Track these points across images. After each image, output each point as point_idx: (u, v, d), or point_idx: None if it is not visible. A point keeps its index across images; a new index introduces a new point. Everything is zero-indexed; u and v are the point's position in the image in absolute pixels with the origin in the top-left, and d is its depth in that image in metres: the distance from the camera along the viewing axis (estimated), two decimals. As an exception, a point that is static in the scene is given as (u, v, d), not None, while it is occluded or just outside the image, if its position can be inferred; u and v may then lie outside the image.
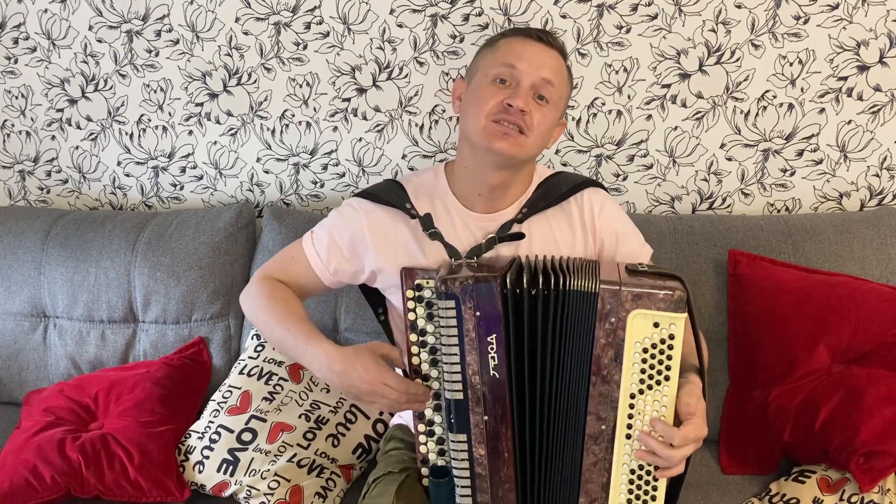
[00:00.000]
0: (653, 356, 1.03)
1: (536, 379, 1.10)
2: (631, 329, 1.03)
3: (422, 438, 1.19)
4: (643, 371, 1.04)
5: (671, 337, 1.02)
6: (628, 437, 1.07)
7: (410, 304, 1.14)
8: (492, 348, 1.07)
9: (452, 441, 1.12)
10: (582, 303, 1.06)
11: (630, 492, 1.09)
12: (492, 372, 1.08)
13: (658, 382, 1.04)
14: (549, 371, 1.10)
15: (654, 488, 1.08)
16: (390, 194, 1.29)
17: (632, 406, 1.05)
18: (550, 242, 1.27)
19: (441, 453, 1.17)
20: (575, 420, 1.09)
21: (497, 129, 1.18)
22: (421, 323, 1.14)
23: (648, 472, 1.08)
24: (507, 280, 1.07)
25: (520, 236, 1.24)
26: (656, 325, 1.02)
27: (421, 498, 1.22)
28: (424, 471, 1.21)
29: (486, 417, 1.10)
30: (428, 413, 1.17)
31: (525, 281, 1.08)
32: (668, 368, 1.03)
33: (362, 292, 1.40)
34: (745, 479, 1.48)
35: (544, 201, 1.28)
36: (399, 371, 1.19)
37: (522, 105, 1.17)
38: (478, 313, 1.07)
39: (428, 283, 1.12)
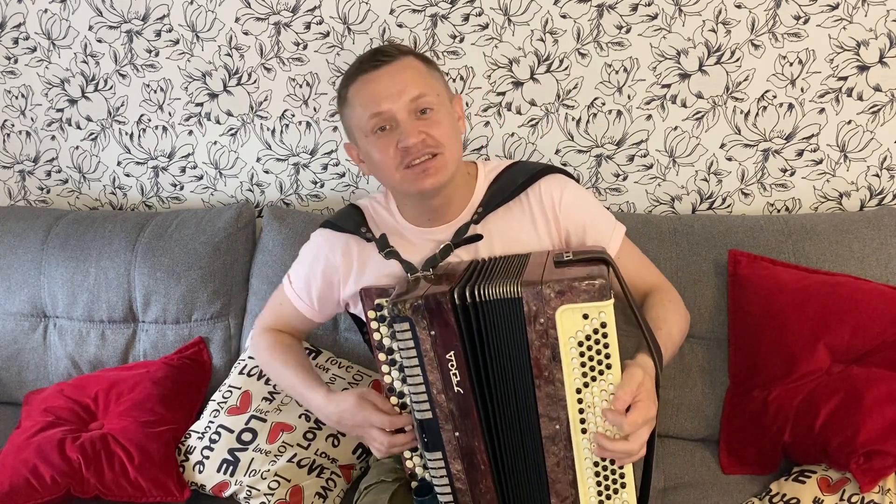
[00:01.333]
0: (589, 348, 1.02)
1: (490, 390, 1.08)
2: (561, 325, 1.01)
3: (406, 454, 1.19)
4: (583, 364, 1.03)
5: (603, 325, 1.01)
6: (584, 431, 1.06)
7: (374, 325, 1.14)
8: (452, 365, 1.06)
9: (429, 459, 1.12)
10: (509, 308, 1.03)
11: (598, 483, 1.09)
12: (455, 388, 1.07)
13: (601, 372, 1.03)
14: (500, 380, 1.08)
15: (622, 475, 1.08)
16: (347, 221, 1.29)
17: (580, 401, 1.04)
18: (511, 241, 1.23)
19: (426, 467, 1.17)
20: (530, 424, 1.08)
21: (413, 172, 1.14)
22: (387, 342, 1.14)
23: (612, 462, 1.08)
24: (455, 293, 1.04)
25: (476, 238, 1.21)
26: (586, 316, 1.01)
27: None
28: (414, 484, 1.21)
29: (457, 433, 1.09)
30: (408, 428, 1.17)
31: (466, 295, 1.04)
32: (607, 357, 1.02)
33: (349, 314, 1.40)
34: (745, 479, 1.48)
35: (499, 197, 1.24)
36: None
37: (415, 139, 1.12)
38: (432, 332, 1.05)
39: (386, 301, 1.11)
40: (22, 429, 1.59)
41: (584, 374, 1.03)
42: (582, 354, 1.02)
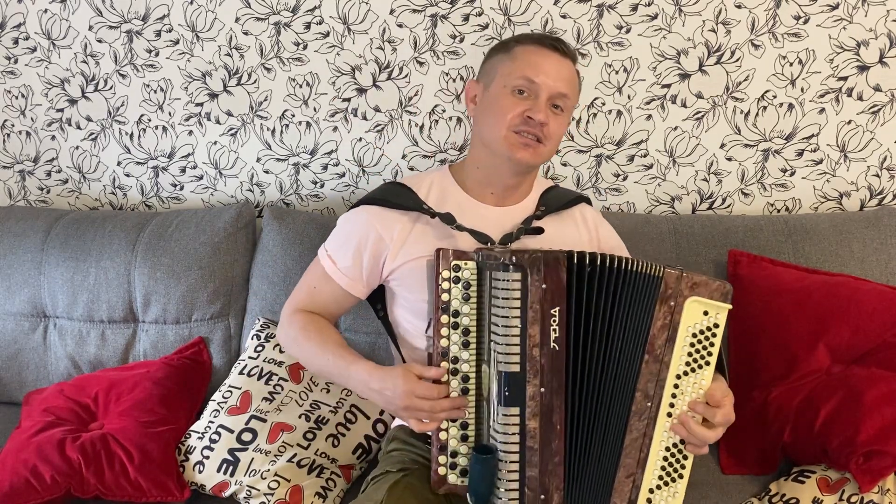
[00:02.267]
0: (699, 342, 1.12)
1: (589, 353, 1.13)
2: (686, 314, 1.11)
3: (442, 424, 1.18)
4: (689, 355, 1.12)
5: (716, 325, 1.12)
6: (669, 415, 1.13)
7: (445, 286, 1.16)
8: (554, 321, 1.10)
9: (503, 415, 1.11)
10: (645, 285, 1.12)
11: (663, 468, 1.15)
12: (552, 344, 1.10)
13: (700, 367, 1.12)
14: (603, 347, 1.13)
15: (683, 466, 1.15)
16: (402, 198, 1.32)
17: (676, 387, 1.12)
18: (561, 243, 1.30)
19: (464, 438, 1.17)
20: (622, 395, 1.14)
21: (518, 139, 1.25)
22: (455, 304, 1.15)
23: (680, 451, 1.15)
24: (575, 257, 1.11)
25: (539, 231, 1.30)
26: (706, 313, 1.12)
27: (415, 498, 1.21)
28: (442, 458, 1.18)
29: (542, 389, 1.11)
30: (452, 413, 1.16)
31: (588, 260, 1.12)
32: (709, 354, 1.13)
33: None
34: (745, 479, 1.48)
35: (557, 204, 1.36)
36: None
37: (543, 118, 1.23)
38: (544, 286, 1.09)
39: (467, 264, 1.15)
40: (22, 429, 1.58)
41: (688, 364, 1.12)
42: (692, 345, 1.12)
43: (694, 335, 1.12)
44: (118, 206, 2.04)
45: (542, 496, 1.12)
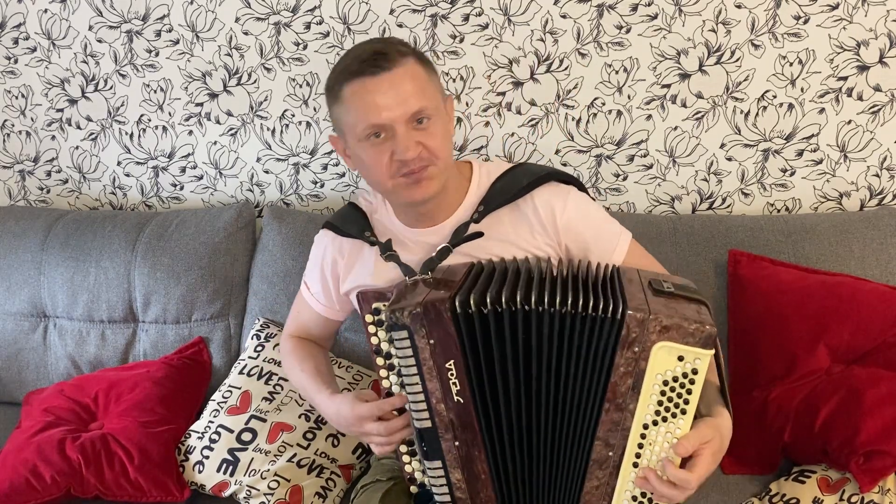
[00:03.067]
0: (672, 389, 0.99)
1: (515, 400, 1.06)
2: (654, 360, 0.97)
3: (405, 458, 1.18)
4: (660, 403, 1.00)
5: (694, 372, 0.97)
6: (635, 465, 1.03)
7: (371, 329, 1.12)
8: (452, 374, 1.03)
9: (429, 468, 1.10)
10: (597, 327, 1.00)
11: None
12: (455, 398, 1.04)
13: (674, 416, 1.00)
14: (540, 392, 1.05)
15: None
16: (351, 225, 1.27)
17: (643, 437, 1.02)
18: (510, 245, 1.20)
19: (426, 474, 1.15)
20: (579, 443, 1.06)
21: (405, 181, 1.12)
22: (385, 346, 1.11)
23: (649, 500, 1.07)
24: (457, 301, 1.02)
25: (477, 235, 1.18)
26: (681, 358, 0.97)
27: None
28: (413, 489, 1.20)
29: (456, 443, 1.07)
30: (405, 433, 1.14)
31: (477, 304, 1.02)
32: (685, 402, 0.99)
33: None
34: (745, 479, 1.48)
35: (502, 198, 1.20)
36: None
37: (413, 153, 1.09)
38: (431, 341, 1.02)
39: (384, 305, 1.09)
40: (22, 429, 1.59)
41: (657, 413, 1.00)
42: (663, 394, 0.99)
43: (665, 382, 0.98)
44: (118, 206, 2.04)
45: None
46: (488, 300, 1.02)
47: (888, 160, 1.73)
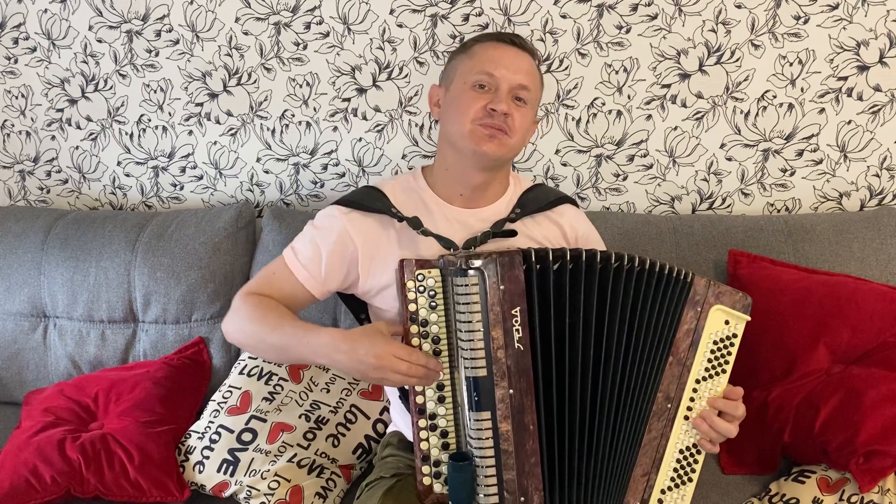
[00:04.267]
0: (719, 349, 1.15)
1: (575, 352, 1.12)
2: (710, 321, 1.14)
3: (423, 434, 1.16)
4: (709, 361, 1.15)
5: (734, 335, 1.16)
6: (686, 418, 1.15)
7: (411, 295, 1.14)
8: (516, 321, 1.09)
9: (475, 420, 1.11)
10: (672, 288, 1.14)
11: (675, 470, 1.16)
12: (516, 345, 1.10)
13: (717, 374, 1.15)
14: (603, 346, 1.13)
15: (693, 470, 1.17)
16: (373, 201, 1.30)
17: (695, 391, 1.15)
18: (537, 245, 1.29)
19: (445, 447, 1.16)
20: (642, 396, 1.14)
21: (483, 131, 1.23)
22: (423, 313, 1.14)
23: (692, 454, 1.17)
24: (533, 255, 1.10)
25: (511, 234, 1.27)
26: (727, 322, 1.15)
27: (409, 503, 1.20)
28: (426, 469, 1.17)
29: (511, 391, 1.10)
30: (430, 407, 1.16)
31: (553, 256, 1.11)
32: (727, 363, 1.16)
33: (341, 299, 1.37)
34: (745, 479, 1.48)
35: (535, 205, 1.33)
36: None
37: (505, 108, 1.22)
38: (502, 287, 1.09)
39: (430, 272, 1.14)
40: (22, 429, 1.59)
41: (707, 370, 1.15)
42: (712, 352, 1.15)
43: (715, 342, 1.15)
44: (118, 206, 2.04)
45: (522, 498, 1.12)
46: (568, 255, 1.11)
47: (888, 160, 1.73)
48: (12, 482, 1.44)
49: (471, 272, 1.09)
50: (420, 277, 1.14)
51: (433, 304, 1.14)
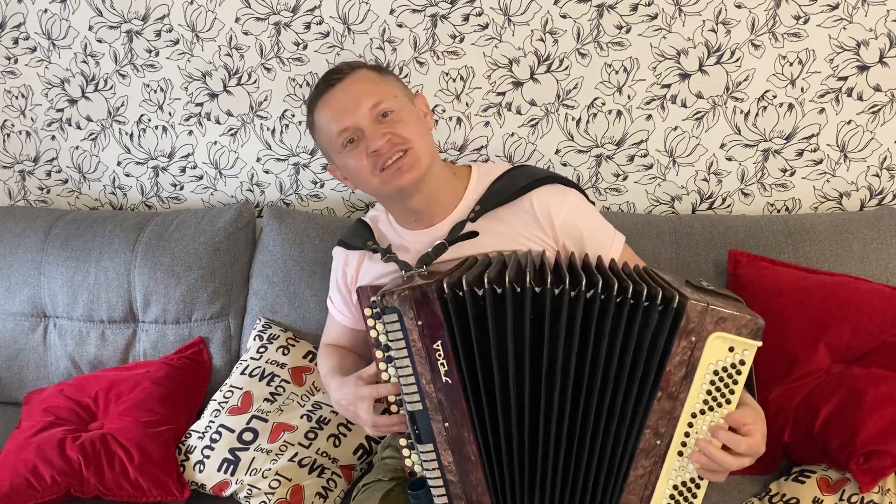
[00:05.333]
0: (721, 379, 1.02)
1: (521, 381, 1.06)
2: (708, 350, 1.00)
3: (405, 452, 1.19)
4: (709, 392, 1.02)
5: (741, 363, 1.01)
6: (680, 454, 1.05)
7: (370, 322, 1.15)
8: (440, 355, 1.07)
9: (421, 452, 1.12)
10: (647, 316, 1.01)
11: None
12: (444, 378, 1.07)
13: (720, 405, 1.03)
14: (563, 376, 1.05)
15: (691, 502, 1.08)
16: (356, 238, 1.36)
17: (690, 425, 1.04)
18: (509, 241, 1.23)
19: (421, 460, 1.16)
20: (628, 432, 1.06)
21: (388, 174, 1.19)
22: (383, 339, 1.14)
23: (688, 488, 1.07)
24: (446, 283, 1.05)
25: (472, 235, 1.23)
26: (731, 349, 1.01)
27: None
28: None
29: (446, 424, 1.09)
30: (395, 409, 1.19)
31: (468, 286, 1.04)
32: (731, 392, 1.02)
33: None
34: (745, 479, 1.48)
35: (498, 197, 1.25)
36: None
37: (380, 142, 1.18)
38: (419, 322, 1.06)
39: (377, 296, 1.14)
40: (22, 429, 1.59)
41: (706, 402, 1.03)
42: (712, 383, 1.02)
43: (716, 372, 1.01)
44: (118, 206, 2.04)
45: None
46: (486, 280, 1.04)
47: (888, 160, 1.73)
48: (12, 482, 1.44)
49: (388, 311, 1.07)
50: (373, 304, 1.13)
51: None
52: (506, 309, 1.04)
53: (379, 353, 1.16)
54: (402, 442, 1.19)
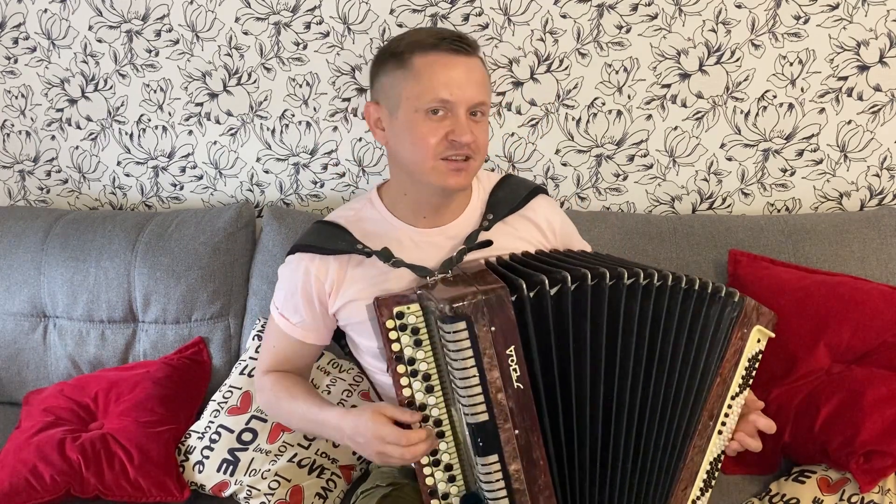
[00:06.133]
0: (750, 366, 1.14)
1: (596, 377, 1.08)
2: (751, 340, 1.13)
3: (426, 471, 1.12)
4: (742, 377, 1.14)
5: (761, 352, 1.16)
6: (720, 432, 1.15)
7: (393, 335, 1.07)
8: (512, 360, 1.03)
9: (482, 465, 1.05)
10: (722, 307, 1.10)
11: (703, 480, 1.17)
12: (516, 384, 1.04)
13: (744, 388, 1.15)
14: (635, 367, 1.09)
15: (715, 477, 1.19)
16: (335, 241, 1.20)
17: (729, 406, 1.15)
18: (518, 246, 1.22)
19: (451, 479, 1.12)
20: (685, 415, 1.12)
21: (447, 166, 1.12)
22: (408, 352, 1.07)
23: (717, 465, 1.18)
24: (524, 286, 1.03)
25: (487, 244, 1.19)
26: (759, 340, 1.14)
27: None
28: (435, 502, 1.13)
29: (516, 431, 1.05)
30: (427, 447, 1.10)
31: (548, 282, 1.04)
32: (752, 377, 1.16)
33: None
34: (745, 479, 1.48)
35: (507, 207, 1.24)
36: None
37: (470, 139, 1.10)
38: (493, 328, 1.01)
39: (409, 308, 1.07)
40: (22, 429, 1.59)
41: (740, 386, 1.14)
42: (745, 369, 1.14)
43: (748, 360, 1.14)
44: (118, 206, 2.04)
45: None
46: (568, 279, 1.04)
47: (888, 160, 1.73)
48: (12, 482, 1.44)
49: (456, 319, 1.00)
50: (399, 315, 1.07)
51: (418, 340, 1.07)
52: (586, 303, 1.05)
53: (402, 368, 1.08)
54: (424, 460, 1.11)
